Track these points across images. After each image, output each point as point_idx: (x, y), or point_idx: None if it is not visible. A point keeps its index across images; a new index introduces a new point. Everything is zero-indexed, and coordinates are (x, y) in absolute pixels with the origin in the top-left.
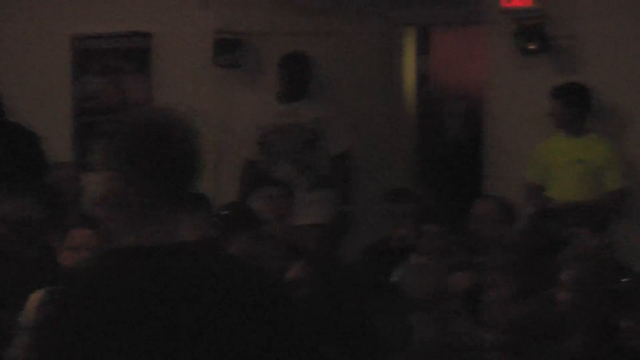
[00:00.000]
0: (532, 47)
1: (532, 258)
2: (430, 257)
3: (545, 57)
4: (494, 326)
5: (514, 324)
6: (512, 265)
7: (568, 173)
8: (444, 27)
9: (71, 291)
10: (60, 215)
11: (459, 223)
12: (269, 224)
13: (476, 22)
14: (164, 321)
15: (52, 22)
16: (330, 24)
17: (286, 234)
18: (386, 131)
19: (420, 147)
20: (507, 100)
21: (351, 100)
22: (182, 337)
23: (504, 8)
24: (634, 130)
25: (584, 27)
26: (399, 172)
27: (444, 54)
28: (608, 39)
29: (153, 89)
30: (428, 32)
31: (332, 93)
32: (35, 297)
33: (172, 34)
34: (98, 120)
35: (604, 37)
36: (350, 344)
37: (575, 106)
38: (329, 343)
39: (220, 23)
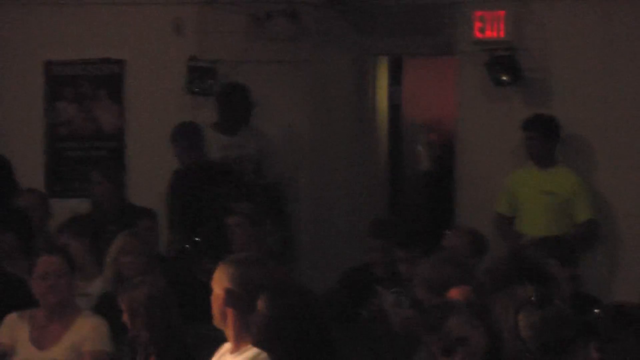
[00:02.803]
0: (504, 78)
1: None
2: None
3: (516, 89)
4: None
5: None
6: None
7: (536, 205)
8: (416, 57)
9: None
10: (28, 241)
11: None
12: (236, 252)
13: (449, 53)
14: None
15: (25, 48)
16: (303, 53)
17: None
18: (358, 162)
19: (392, 177)
20: (478, 131)
21: (323, 129)
22: None
23: (476, 39)
24: (602, 162)
25: (555, 60)
26: (371, 203)
27: (416, 84)
28: (578, 72)
29: (126, 116)
30: (401, 62)
31: (304, 122)
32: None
33: (145, 60)
34: (70, 146)
35: (575, 70)
36: None
37: (545, 138)
38: None
39: (194, 50)
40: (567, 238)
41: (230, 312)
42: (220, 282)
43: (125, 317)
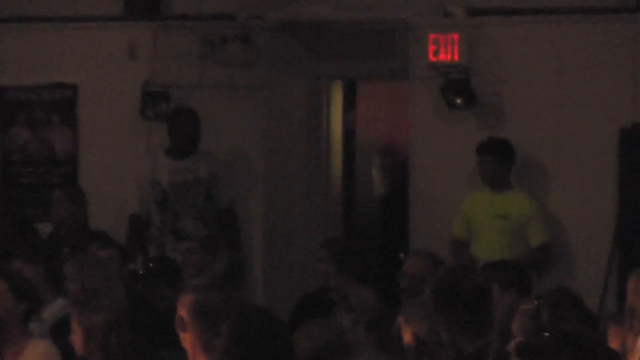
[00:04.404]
0: (458, 101)
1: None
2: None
3: (470, 112)
4: None
5: None
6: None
7: (490, 228)
8: (370, 82)
9: None
10: None
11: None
12: (188, 278)
13: (403, 76)
14: None
15: None
16: (257, 77)
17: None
18: (312, 187)
19: (346, 202)
20: (432, 154)
21: (277, 154)
22: None
23: (431, 62)
24: (555, 185)
25: (509, 83)
26: (325, 227)
27: (370, 108)
28: (533, 96)
29: (79, 141)
30: (355, 86)
31: (258, 147)
32: None
33: (98, 85)
34: (24, 172)
35: (530, 93)
36: None
37: (499, 161)
38: None
39: (147, 75)
40: (520, 263)
41: (185, 337)
42: (179, 309)
43: (76, 339)
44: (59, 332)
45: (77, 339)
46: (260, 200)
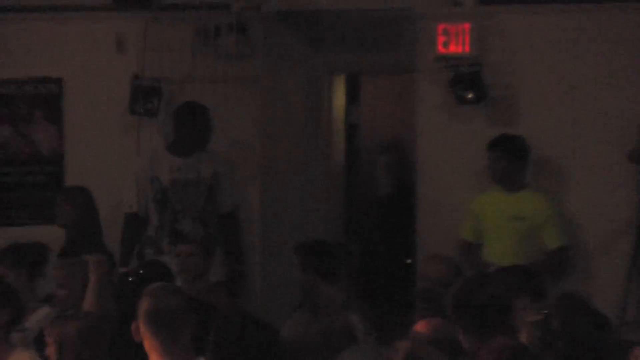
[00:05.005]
0: (468, 96)
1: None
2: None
3: (481, 108)
4: None
5: None
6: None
7: (503, 231)
8: (374, 75)
9: None
10: None
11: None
12: (185, 282)
13: (410, 70)
14: None
15: None
16: (253, 70)
17: (200, 292)
18: (313, 185)
19: (348, 201)
20: (440, 152)
21: (275, 151)
22: None
23: (439, 54)
24: (572, 185)
25: (523, 76)
26: (327, 227)
27: (375, 103)
28: (548, 89)
29: (65, 138)
30: (358, 80)
31: (254, 143)
32: None
33: (85, 79)
34: (6, 172)
35: (544, 87)
36: None
37: (512, 159)
38: None
39: (137, 68)
40: (536, 268)
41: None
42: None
43: (49, 352)
44: (44, 342)
45: (50, 352)
46: (256, 202)
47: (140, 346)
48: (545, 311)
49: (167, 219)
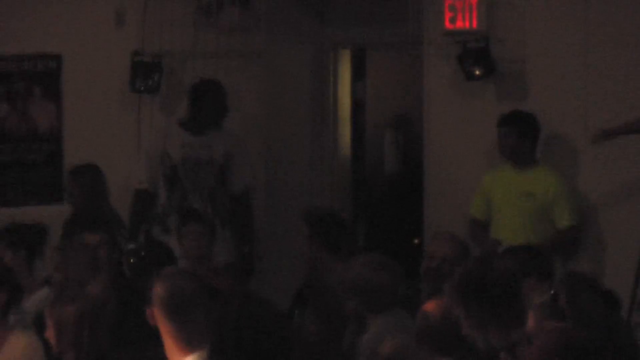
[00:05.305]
0: (477, 72)
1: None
2: None
3: (490, 83)
4: None
5: None
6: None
7: (512, 208)
8: (381, 50)
9: None
10: None
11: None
12: (190, 262)
13: (417, 45)
14: None
15: None
16: (257, 44)
17: (206, 273)
18: (319, 163)
19: (355, 179)
20: (448, 128)
21: (279, 128)
22: None
23: (447, 30)
24: (583, 162)
25: (533, 51)
26: (333, 205)
27: (381, 79)
28: (557, 65)
29: (64, 116)
30: (364, 55)
31: (258, 121)
32: None
33: (84, 55)
34: (3, 150)
35: (553, 62)
36: None
37: (524, 136)
38: None
39: (137, 43)
40: (544, 248)
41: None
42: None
43: (49, 334)
44: (43, 324)
45: (50, 334)
46: (260, 181)
47: (142, 327)
48: (552, 291)
49: (176, 196)
